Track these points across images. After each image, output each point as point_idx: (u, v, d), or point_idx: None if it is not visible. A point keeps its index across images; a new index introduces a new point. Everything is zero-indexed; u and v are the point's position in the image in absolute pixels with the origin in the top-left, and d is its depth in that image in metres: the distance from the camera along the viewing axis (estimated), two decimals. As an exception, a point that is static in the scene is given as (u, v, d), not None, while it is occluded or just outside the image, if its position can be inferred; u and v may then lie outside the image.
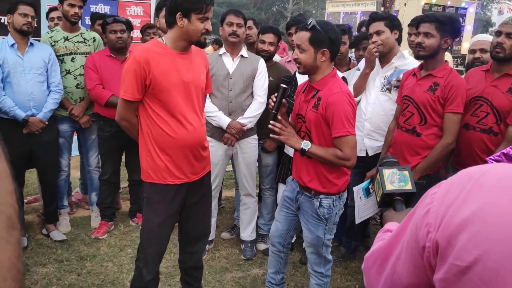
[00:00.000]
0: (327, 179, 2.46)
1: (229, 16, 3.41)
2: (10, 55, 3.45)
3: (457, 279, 0.68)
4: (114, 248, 3.70)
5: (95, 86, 3.74)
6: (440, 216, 0.72)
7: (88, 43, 3.93)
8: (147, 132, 2.38)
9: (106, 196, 4.07)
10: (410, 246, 0.78)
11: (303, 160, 2.48)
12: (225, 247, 3.82)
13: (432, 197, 0.76)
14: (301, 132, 2.50)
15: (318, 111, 2.38)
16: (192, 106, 2.42)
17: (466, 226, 0.67)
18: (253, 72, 3.42)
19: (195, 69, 2.44)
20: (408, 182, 1.33)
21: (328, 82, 2.41)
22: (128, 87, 2.27)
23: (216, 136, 3.45)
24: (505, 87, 2.73)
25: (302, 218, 2.62)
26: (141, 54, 2.26)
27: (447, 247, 0.69)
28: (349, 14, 13.08)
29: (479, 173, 0.73)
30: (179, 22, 2.27)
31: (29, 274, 3.23)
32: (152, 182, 2.43)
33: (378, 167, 1.41)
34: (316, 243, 2.58)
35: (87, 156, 4.15)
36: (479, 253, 0.65)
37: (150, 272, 2.50)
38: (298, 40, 2.37)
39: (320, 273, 2.68)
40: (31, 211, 4.33)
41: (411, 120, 2.86)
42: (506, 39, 2.71)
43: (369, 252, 0.97)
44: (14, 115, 3.44)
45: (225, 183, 5.01)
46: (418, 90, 2.81)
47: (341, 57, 3.72)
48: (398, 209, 1.31)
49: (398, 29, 3.19)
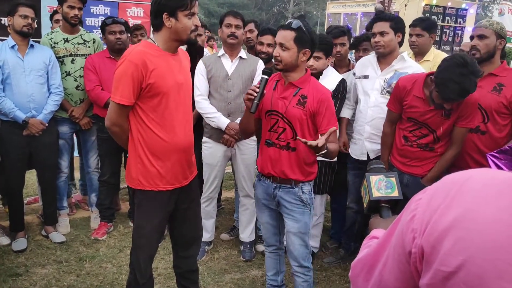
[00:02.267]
0: (308, 169, 2.59)
1: (228, 17, 3.42)
2: (11, 56, 3.46)
3: (442, 285, 0.68)
4: (113, 249, 3.70)
5: (94, 88, 3.74)
6: (425, 222, 0.72)
7: (88, 45, 3.94)
8: (137, 137, 2.32)
9: (105, 197, 4.07)
10: (397, 252, 0.79)
11: (283, 155, 2.55)
12: (224, 249, 3.82)
13: (417, 203, 0.76)
14: (278, 128, 2.54)
15: (305, 108, 2.48)
16: (183, 109, 2.40)
17: (450, 231, 0.68)
18: (252, 74, 3.42)
19: (185, 71, 2.43)
20: (395, 189, 1.33)
21: (309, 80, 2.54)
22: (124, 91, 2.19)
23: (214, 137, 3.46)
24: (490, 87, 2.85)
25: (285, 211, 2.65)
26: (137, 57, 2.20)
27: (432, 253, 0.70)
28: (350, 15, 13.08)
29: (463, 179, 0.73)
30: (166, 23, 2.23)
31: (28, 275, 3.24)
32: (143, 189, 2.39)
33: (365, 173, 1.40)
34: (304, 230, 2.64)
35: (86, 157, 4.15)
36: (463, 259, 0.65)
37: (143, 276, 2.49)
38: (281, 39, 2.42)
39: (307, 268, 2.71)
40: (30, 212, 4.34)
41: (423, 140, 2.86)
42: (479, 41, 2.87)
43: (356, 259, 0.97)
44: (14, 117, 3.44)
45: (225, 184, 5.01)
46: (432, 117, 2.77)
47: (341, 58, 3.72)
48: (385, 216, 1.30)
49: (402, 32, 3.18)
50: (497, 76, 2.88)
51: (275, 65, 2.51)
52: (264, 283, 3.15)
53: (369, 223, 1.29)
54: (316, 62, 3.19)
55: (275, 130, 2.55)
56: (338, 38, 3.59)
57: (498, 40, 2.85)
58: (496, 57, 2.90)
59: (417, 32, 3.64)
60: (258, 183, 2.75)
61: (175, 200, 2.50)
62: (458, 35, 11.53)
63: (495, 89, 2.83)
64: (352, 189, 3.51)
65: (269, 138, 2.58)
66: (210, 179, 3.57)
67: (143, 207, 2.44)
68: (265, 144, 2.61)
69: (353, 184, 3.50)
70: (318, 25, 27.93)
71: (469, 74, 2.44)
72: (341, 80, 3.31)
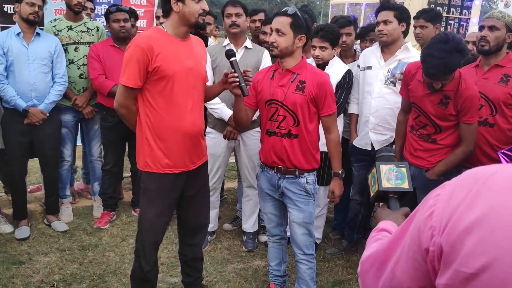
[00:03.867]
0: (312, 155, 2.60)
1: (227, 7, 3.41)
2: (15, 43, 3.44)
3: (462, 286, 0.64)
4: (116, 238, 3.70)
5: (98, 76, 3.72)
6: (445, 219, 0.68)
7: (92, 33, 3.91)
8: (145, 120, 2.36)
9: (108, 186, 4.07)
10: (412, 250, 0.75)
11: (285, 143, 2.55)
12: (227, 239, 3.82)
13: (436, 199, 0.72)
14: (279, 116, 2.55)
15: (304, 93, 2.49)
16: (193, 93, 2.41)
17: (473, 230, 0.63)
18: (257, 64, 3.39)
19: (196, 56, 2.44)
20: (405, 180, 1.29)
21: (306, 66, 2.56)
22: (130, 74, 2.25)
23: (218, 127, 3.44)
24: (496, 78, 2.82)
25: (288, 202, 2.66)
26: (144, 41, 2.25)
27: (451, 252, 0.66)
28: (354, 6, 12.97)
29: (487, 174, 0.68)
30: (174, 7, 2.28)
31: (31, 263, 3.25)
32: (150, 171, 2.42)
33: (376, 161, 1.37)
34: (309, 220, 2.66)
35: (89, 146, 4.15)
36: (487, 261, 0.61)
37: (148, 263, 2.51)
38: (278, 25, 2.45)
39: (311, 255, 2.73)
40: (33, 200, 4.34)
41: (424, 130, 2.83)
42: (489, 32, 2.80)
43: (365, 255, 0.94)
44: (14, 105, 3.43)
45: (227, 174, 5.01)
46: (429, 103, 2.75)
47: (347, 49, 3.68)
48: (392, 207, 1.27)
49: (406, 22, 3.15)
50: (503, 67, 2.84)
51: (270, 51, 2.52)
52: (267, 273, 3.16)
53: (376, 214, 1.26)
54: (322, 52, 3.17)
55: (275, 119, 2.56)
56: (344, 27, 3.55)
57: (508, 34, 2.80)
58: (504, 49, 2.86)
59: (421, 23, 3.59)
60: (262, 174, 2.74)
61: (181, 186, 2.50)
62: (463, 27, 11.43)
63: (502, 80, 2.81)
64: (356, 181, 3.51)
65: (270, 127, 2.58)
66: (213, 170, 3.56)
67: (148, 191, 2.45)
68: (266, 134, 2.61)
69: (357, 176, 3.49)
70: (322, 16, 27.74)
71: (453, 51, 2.42)
72: (347, 71, 3.28)
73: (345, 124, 3.56)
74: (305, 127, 2.54)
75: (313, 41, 3.15)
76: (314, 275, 2.78)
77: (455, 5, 11.64)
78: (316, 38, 3.15)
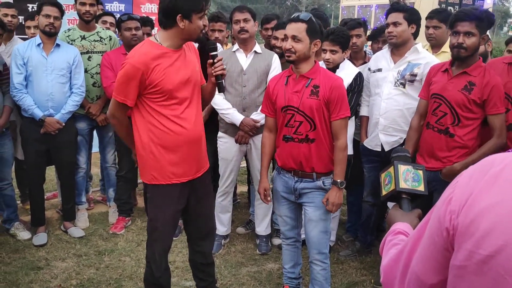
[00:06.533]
0: (329, 158, 2.63)
1: (235, 14, 3.45)
2: (35, 54, 3.53)
3: (478, 268, 0.64)
4: (131, 243, 3.75)
5: (111, 84, 3.77)
6: (463, 201, 0.68)
7: (104, 42, 3.98)
8: (148, 134, 2.36)
9: (123, 192, 4.13)
10: (433, 242, 0.75)
11: (302, 148, 2.57)
12: (241, 242, 3.84)
13: (455, 185, 0.72)
14: (295, 122, 2.57)
15: (319, 97, 2.51)
16: (192, 101, 2.44)
17: (489, 212, 0.64)
18: (267, 68, 3.42)
19: (190, 63, 2.44)
20: (421, 183, 1.30)
21: (319, 70, 2.58)
22: (120, 91, 2.29)
23: (229, 132, 3.47)
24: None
25: (306, 200, 2.67)
26: (139, 60, 2.25)
27: (465, 232, 0.66)
28: (364, 8, 12.94)
29: (506, 160, 0.69)
30: (180, 24, 2.26)
31: (49, 268, 3.31)
32: (157, 184, 2.43)
33: (394, 161, 1.36)
34: (325, 217, 2.68)
35: (103, 153, 4.22)
36: (503, 243, 0.61)
37: (159, 269, 2.53)
38: (294, 31, 2.48)
39: (325, 254, 2.73)
40: (50, 207, 4.42)
41: (443, 120, 2.77)
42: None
43: (386, 263, 0.92)
44: (32, 114, 3.52)
45: (239, 178, 5.03)
46: (452, 88, 2.73)
47: (357, 50, 3.69)
48: (405, 208, 1.27)
49: (416, 24, 3.15)
50: None
51: (286, 57, 2.53)
52: (281, 276, 3.17)
53: (389, 215, 1.26)
54: (332, 56, 3.18)
55: (291, 125, 2.58)
56: (354, 29, 3.57)
57: None
58: None
59: (434, 24, 3.58)
60: (278, 177, 2.75)
61: (187, 194, 2.53)
62: (475, 26, 11.33)
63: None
64: (368, 183, 3.50)
65: (287, 133, 2.60)
66: (225, 174, 3.59)
67: (156, 201, 2.47)
68: (283, 139, 2.63)
69: (368, 178, 3.49)
70: (332, 18, 27.67)
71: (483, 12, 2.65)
72: (357, 74, 3.29)
73: (357, 126, 3.57)
74: (322, 131, 2.56)
75: (324, 44, 3.15)
76: (328, 277, 2.79)
77: (466, 4, 11.55)
78: (326, 42, 3.16)
